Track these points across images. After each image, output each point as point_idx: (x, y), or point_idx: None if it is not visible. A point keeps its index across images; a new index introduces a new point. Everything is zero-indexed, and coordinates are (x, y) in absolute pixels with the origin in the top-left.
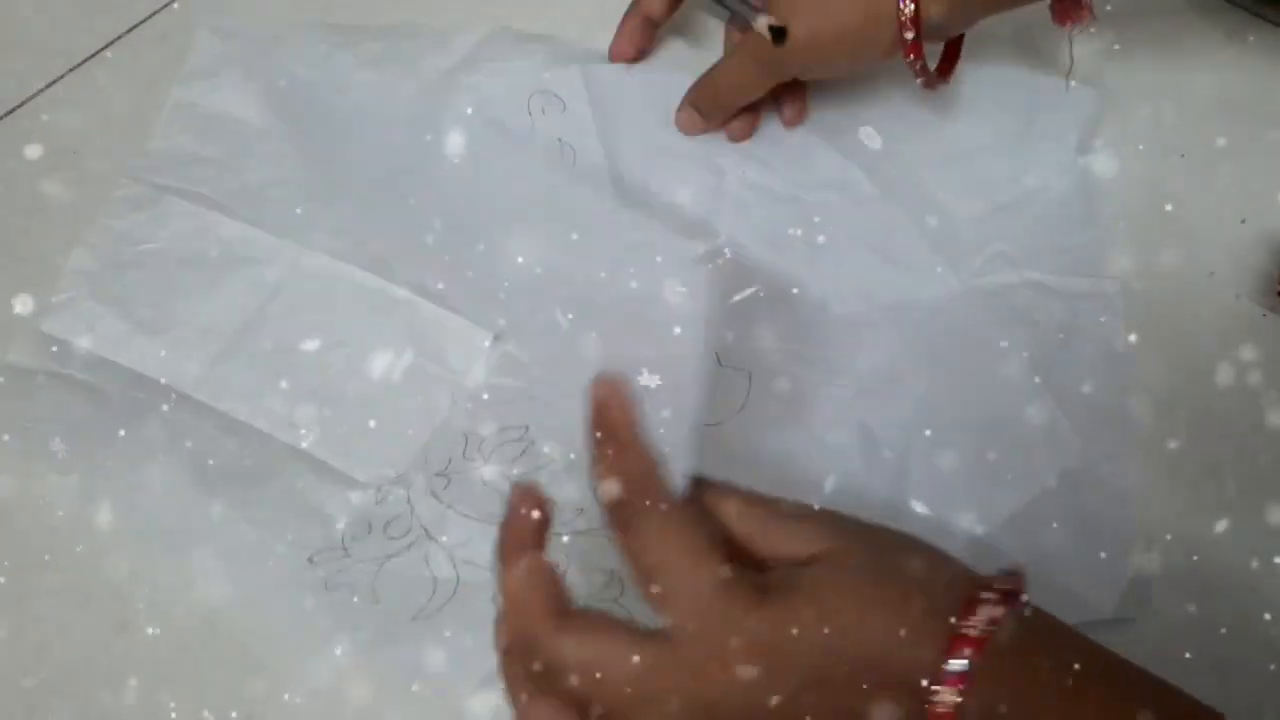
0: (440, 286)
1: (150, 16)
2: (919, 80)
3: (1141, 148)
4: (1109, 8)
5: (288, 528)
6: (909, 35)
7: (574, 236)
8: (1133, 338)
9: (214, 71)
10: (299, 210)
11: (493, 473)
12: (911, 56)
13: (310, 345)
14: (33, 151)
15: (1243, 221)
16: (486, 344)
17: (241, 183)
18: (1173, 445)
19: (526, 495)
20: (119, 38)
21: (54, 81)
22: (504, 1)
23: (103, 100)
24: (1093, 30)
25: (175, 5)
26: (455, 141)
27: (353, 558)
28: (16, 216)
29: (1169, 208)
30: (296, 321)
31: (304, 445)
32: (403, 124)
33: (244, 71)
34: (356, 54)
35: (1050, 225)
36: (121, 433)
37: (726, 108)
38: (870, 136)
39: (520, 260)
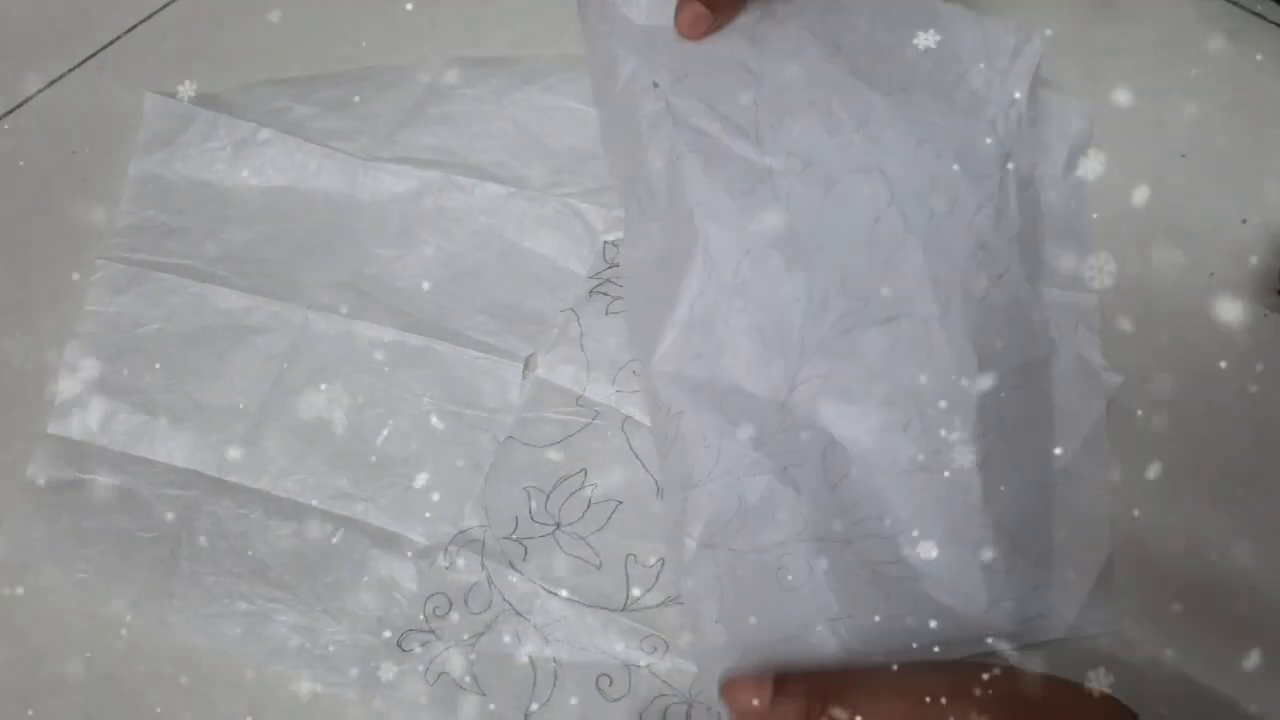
0: (455, 326)
1: (150, 16)
2: None
3: (1142, 148)
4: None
5: (369, 612)
6: None
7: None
8: (1129, 326)
9: (169, 139)
10: (293, 268)
11: (570, 542)
12: None
13: (338, 409)
14: (33, 151)
15: (1243, 221)
16: (518, 375)
17: (226, 248)
18: (1171, 445)
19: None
20: (119, 38)
21: (54, 81)
22: (451, 35)
23: (103, 100)
24: None
25: (175, 6)
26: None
27: (442, 640)
28: (19, 221)
29: (1169, 208)
30: (318, 387)
31: (356, 514)
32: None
33: (203, 134)
34: (316, 102)
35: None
36: (174, 547)
37: None
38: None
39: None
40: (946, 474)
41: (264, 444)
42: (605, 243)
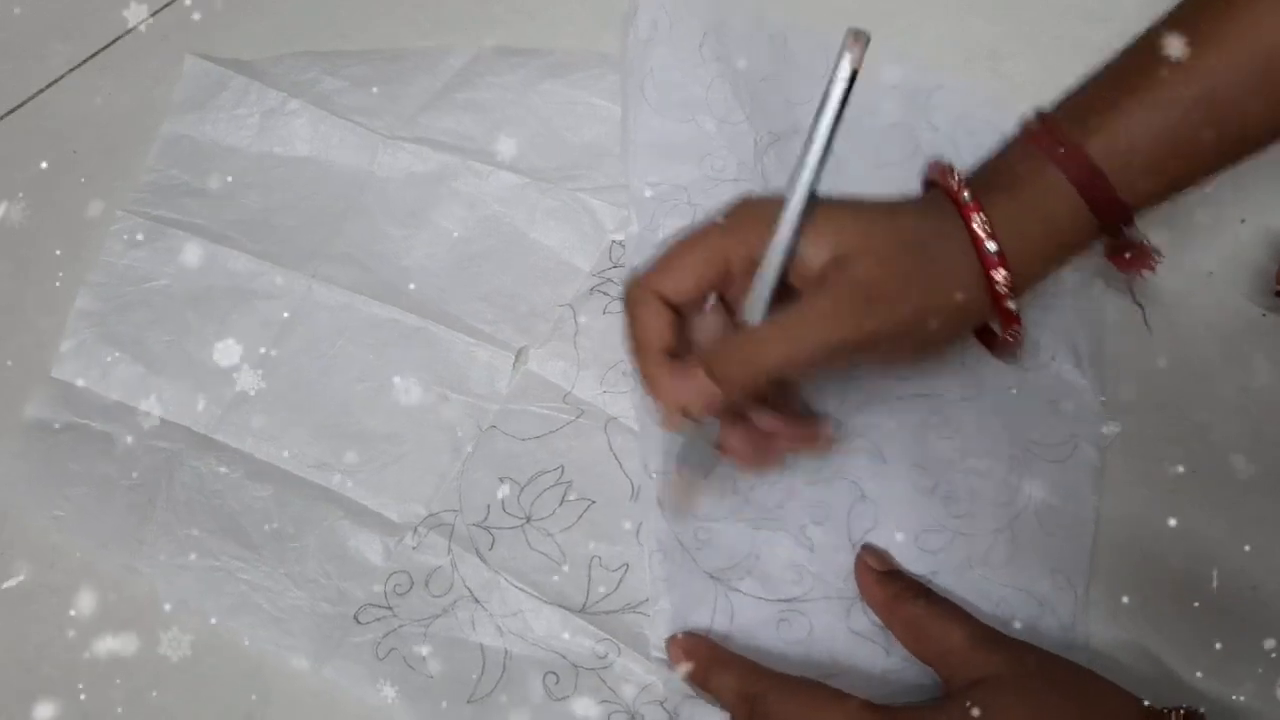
0: (454, 310)
1: (151, 16)
2: (1006, 355)
3: None
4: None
5: (331, 581)
6: (1012, 305)
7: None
8: (1128, 326)
9: (203, 102)
10: (304, 238)
11: (538, 537)
12: (1014, 328)
13: (329, 381)
14: (34, 151)
15: (1242, 221)
16: (509, 365)
17: (242, 213)
18: (1170, 446)
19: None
20: (119, 38)
21: (54, 81)
22: (490, 19)
23: (103, 100)
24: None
25: (176, 6)
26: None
27: (399, 618)
28: (20, 220)
29: (1168, 208)
30: (313, 357)
31: (333, 485)
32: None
33: (234, 100)
34: (346, 77)
35: None
36: (152, 496)
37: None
38: None
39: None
40: (967, 534)
41: (249, 406)
42: (613, 241)
